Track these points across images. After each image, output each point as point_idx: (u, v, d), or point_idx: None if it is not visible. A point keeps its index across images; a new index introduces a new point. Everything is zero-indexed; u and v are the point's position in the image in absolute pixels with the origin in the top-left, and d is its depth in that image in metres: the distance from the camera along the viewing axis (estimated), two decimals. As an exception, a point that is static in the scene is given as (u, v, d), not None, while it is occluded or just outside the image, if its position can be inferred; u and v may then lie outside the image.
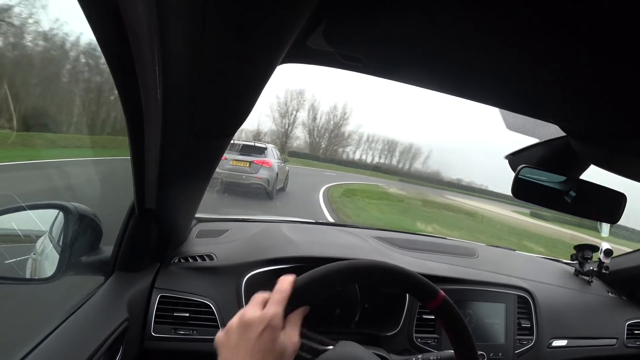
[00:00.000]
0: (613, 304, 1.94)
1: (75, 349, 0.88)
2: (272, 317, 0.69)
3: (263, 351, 0.67)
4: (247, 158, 9.64)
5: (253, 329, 0.68)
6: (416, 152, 57.41)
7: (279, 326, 0.69)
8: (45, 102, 8.81)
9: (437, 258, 1.74)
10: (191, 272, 1.37)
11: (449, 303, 0.79)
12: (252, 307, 0.72)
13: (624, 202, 0.96)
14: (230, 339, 0.70)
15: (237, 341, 0.69)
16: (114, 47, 0.62)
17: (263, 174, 9.59)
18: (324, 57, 0.77)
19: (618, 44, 0.48)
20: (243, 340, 0.68)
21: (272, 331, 0.68)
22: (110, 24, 0.58)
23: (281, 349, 0.68)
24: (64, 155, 8.00)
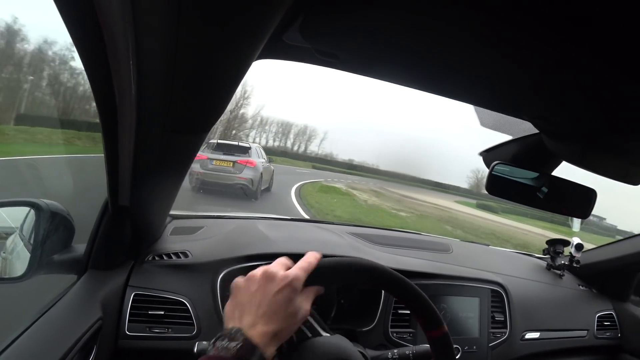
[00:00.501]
0: (584, 296, 1.99)
1: (47, 349, 0.86)
2: (295, 278, 0.73)
3: (278, 305, 0.70)
4: (231, 158, 9.62)
5: (275, 282, 0.72)
6: (311, 134, 58.26)
7: (298, 289, 0.73)
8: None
9: (412, 253, 1.76)
10: (166, 269, 1.35)
11: (448, 337, 0.81)
12: (276, 265, 0.76)
13: (594, 198, 0.99)
14: (249, 285, 0.73)
15: (256, 289, 0.72)
16: (87, 41, 0.61)
17: (247, 174, 9.57)
18: (300, 53, 0.77)
19: (592, 42, 0.48)
20: (262, 290, 0.71)
21: (291, 291, 0.72)
22: (83, 18, 0.56)
23: (294, 311, 0.71)
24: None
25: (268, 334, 0.67)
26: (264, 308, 0.69)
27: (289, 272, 0.73)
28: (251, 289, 0.72)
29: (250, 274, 0.75)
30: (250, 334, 0.66)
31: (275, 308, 0.69)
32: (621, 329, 1.97)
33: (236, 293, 0.74)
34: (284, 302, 0.70)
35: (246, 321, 0.69)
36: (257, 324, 0.68)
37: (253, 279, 0.74)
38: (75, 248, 1.22)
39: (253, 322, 0.68)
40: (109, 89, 0.70)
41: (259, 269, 0.75)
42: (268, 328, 0.68)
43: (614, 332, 1.96)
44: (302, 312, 0.73)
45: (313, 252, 0.79)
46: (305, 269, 0.75)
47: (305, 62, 0.81)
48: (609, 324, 1.96)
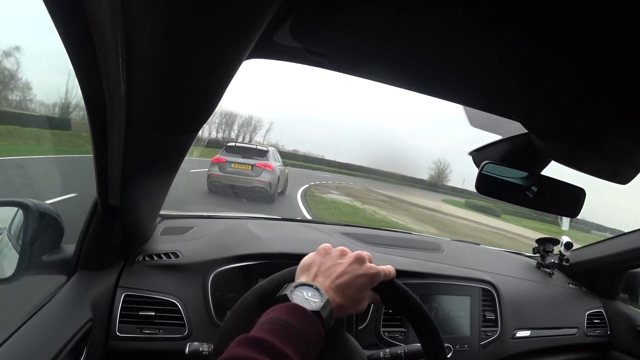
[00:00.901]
0: (573, 294, 2.01)
1: (37, 351, 0.86)
2: (377, 274, 0.78)
3: (354, 285, 0.75)
4: (249, 161, 9.74)
5: (362, 267, 0.77)
6: (256, 125, 57.70)
7: (373, 285, 0.78)
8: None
9: (403, 253, 1.77)
10: (156, 270, 1.35)
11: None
12: (366, 254, 0.81)
13: (583, 197, 0.99)
14: (339, 256, 0.79)
15: (344, 261, 0.78)
16: (76, 40, 0.60)
17: (265, 177, 9.68)
18: (290, 53, 0.77)
19: (579, 43, 0.49)
20: (349, 265, 0.77)
21: (369, 282, 0.77)
22: (72, 17, 0.56)
23: (362, 297, 0.77)
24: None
25: (335, 303, 0.71)
26: (342, 280, 0.73)
27: (378, 266, 0.79)
28: (339, 260, 0.77)
29: (342, 248, 0.80)
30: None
31: (351, 286, 0.74)
32: (610, 327, 1.99)
33: (323, 254, 0.79)
34: (360, 286, 0.75)
35: (320, 282, 0.73)
36: (330, 290, 0.72)
37: (345, 252, 0.79)
38: (65, 248, 1.21)
39: (327, 286, 0.72)
40: (97, 88, 0.70)
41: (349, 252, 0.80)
42: (337, 299, 0.71)
43: (604, 329, 1.98)
44: (363, 305, 0.78)
45: (392, 267, 0.83)
46: (386, 274, 0.80)
47: (295, 62, 0.81)
48: (599, 322, 1.98)
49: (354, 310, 0.76)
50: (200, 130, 0.89)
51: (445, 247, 1.95)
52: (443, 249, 1.93)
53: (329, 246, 0.81)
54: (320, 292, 0.69)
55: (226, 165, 9.56)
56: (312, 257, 0.79)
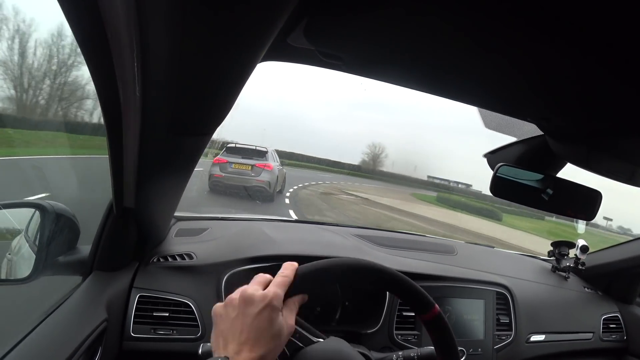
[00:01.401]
0: (589, 299, 1.98)
1: (53, 350, 0.87)
2: (273, 297, 0.70)
3: (260, 328, 0.68)
4: (249, 161, 9.92)
5: (254, 305, 0.69)
6: None
7: (279, 307, 0.70)
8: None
9: (417, 255, 1.76)
10: (170, 271, 1.35)
11: (442, 317, 0.81)
12: (253, 285, 0.73)
13: (599, 200, 0.98)
14: (229, 312, 0.71)
15: (236, 315, 0.70)
16: (92, 42, 0.61)
17: (265, 176, 9.86)
18: (305, 55, 0.77)
19: (596, 44, 0.48)
20: (242, 315, 0.69)
21: (272, 311, 0.69)
22: (88, 19, 0.57)
23: (277, 330, 0.69)
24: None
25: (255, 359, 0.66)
26: (246, 334, 0.67)
27: (267, 291, 0.71)
28: (231, 316, 0.70)
29: (228, 299, 0.73)
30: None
31: (258, 332, 0.67)
32: (627, 332, 1.96)
33: (218, 321, 0.72)
34: (266, 323, 0.68)
35: (231, 349, 0.67)
36: (242, 351, 0.66)
37: (232, 304, 0.71)
38: (80, 249, 1.23)
39: (238, 349, 0.66)
40: (113, 91, 0.70)
41: (236, 292, 0.72)
42: (254, 354, 0.66)
43: (620, 334, 1.95)
44: (287, 329, 0.71)
45: (288, 263, 0.77)
46: (282, 283, 0.73)
47: (309, 64, 0.81)
48: (615, 327, 1.95)
49: (281, 343, 0.71)
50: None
51: (459, 250, 1.93)
52: (457, 251, 1.91)
53: (217, 307, 0.74)
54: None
55: (227, 166, 9.76)
56: (213, 331, 0.73)
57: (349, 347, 0.82)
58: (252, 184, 9.74)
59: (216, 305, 0.74)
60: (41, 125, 10.70)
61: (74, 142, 9.82)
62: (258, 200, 9.64)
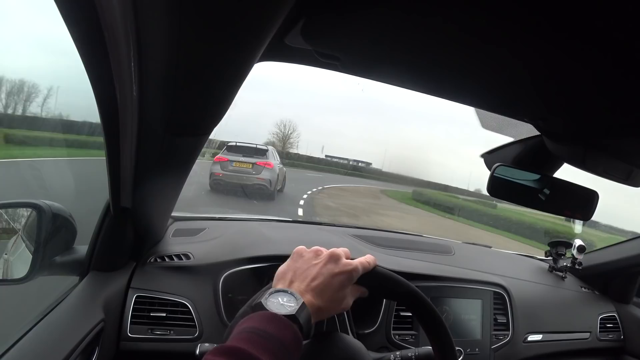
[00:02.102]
0: (586, 298, 1.98)
1: (49, 351, 0.86)
2: (354, 269, 0.76)
3: (331, 286, 0.73)
4: (250, 160, 10.06)
5: (337, 265, 0.75)
6: None
7: (353, 281, 0.76)
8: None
9: (414, 256, 1.76)
10: (168, 271, 1.35)
11: None
12: (341, 251, 0.78)
13: (596, 200, 0.98)
14: (311, 258, 0.77)
15: (317, 262, 0.75)
16: (88, 42, 0.61)
17: (265, 175, 10.04)
18: (302, 56, 0.77)
19: (592, 45, 0.49)
20: (323, 266, 0.74)
21: (347, 279, 0.75)
22: (85, 19, 0.56)
23: (341, 297, 0.75)
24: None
25: (314, 306, 0.69)
26: (318, 282, 0.72)
27: (353, 261, 0.76)
28: (312, 261, 0.75)
29: (316, 248, 0.78)
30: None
31: (328, 287, 0.72)
32: (624, 331, 1.97)
33: (296, 259, 0.77)
34: (338, 285, 0.73)
35: (296, 287, 0.71)
36: (306, 293, 0.70)
37: (318, 252, 0.77)
38: (77, 250, 1.22)
39: (303, 290, 0.70)
40: (110, 91, 0.70)
41: (323, 249, 0.78)
42: (315, 301, 0.70)
43: (617, 334, 1.96)
44: (346, 303, 0.76)
45: (371, 256, 0.81)
46: (364, 266, 0.77)
47: (306, 64, 0.81)
48: (612, 326, 1.96)
49: (336, 310, 0.75)
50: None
51: (456, 250, 1.93)
52: (454, 251, 1.92)
53: (302, 249, 0.80)
54: (296, 297, 0.68)
55: (228, 164, 9.88)
56: (286, 264, 0.78)
57: (367, 354, 0.85)
58: (252, 182, 9.87)
59: (300, 247, 0.80)
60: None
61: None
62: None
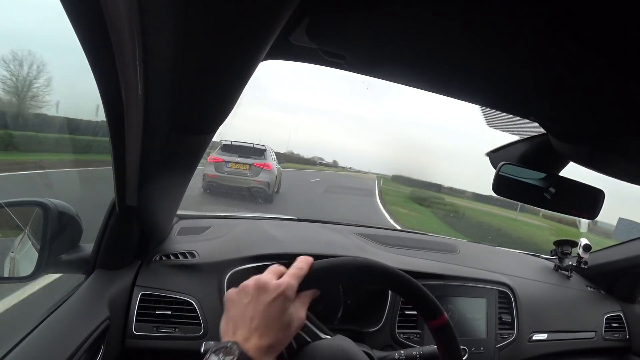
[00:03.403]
0: (592, 298, 1.98)
1: (55, 348, 0.87)
2: (287, 287, 0.71)
3: (271, 317, 0.68)
4: (247, 160, 9.42)
5: (268, 293, 0.70)
6: None
7: (292, 298, 0.71)
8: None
9: (419, 254, 1.76)
10: (173, 269, 1.36)
11: (449, 326, 0.81)
12: (268, 274, 0.74)
13: (602, 199, 0.98)
14: (241, 298, 0.71)
15: (248, 301, 0.70)
16: (94, 41, 0.61)
17: (264, 177, 9.38)
18: (307, 54, 0.77)
19: (600, 44, 0.48)
20: (255, 302, 0.70)
21: (284, 301, 0.70)
22: (90, 18, 0.57)
23: (288, 321, 0.70)
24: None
25: (263, 347, 0.66)
26: (257, 321, 0.68)
27: (281, 280, 0.72)
28: (243, 302, 0.70)
29: (242, 285, 0.73)
30: (246, 348, 0.64)
31: (269, 320, 0.68)
32: (629, 331, 1.96)
33: (229, 306, 0.72)
34: (277, 313, 0.69)
35: (240, 335, 0.67)
36: (252, 337, 0.66)
37: (245, 290, 0.72)
38: (83, 248, 1.23)
39: (247, 335, 0.67)
40: (116, 90, 0.70)
41: (251, 279, 0.73)
42: (263, 341, 0.66)
43: (622, 333, 1.95)
44: (297, 321, 0.71)
45: (304, 257, 0.78)
46: (297, 275, 0.73)
47: (311, 62, 0.81)
48: (617, 326, 1.95)
49: (290, 334, 0.71)
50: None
51: (461, 249, 1.93)
52: (459, 250, 1.91)
53: (231, 293, 0.74)
54: (232, 349, 0.64)
55: (223, 165, 9.28)
56: (224, 316, 0.73)
57: (354, 346, 0.83)
58: (250, 185, 9.27)
59: (229, 291, 0.75)
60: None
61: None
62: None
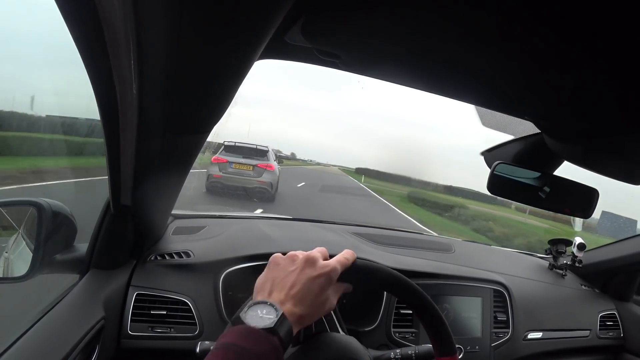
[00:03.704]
0: (586, 296, 1.99)
1: (49, 349, 0.87)
2: (333, 269, 0.74)
3: (311, 290, 0.71)
4: (250, 161, 9.75)
5: (314, 269, 0.73)
6: None
7: (333, 281, 0.74)
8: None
9: (414, 253, 1.76)
10: (168, 269, 1.35)
11: None
12: (317, 253, 0.77)
13: (596, 198, 0.98)
14: (287, 264, 0.75)
15: (294, 269, 0.73)
16: (88, 41, 0.61)
17: (267, 177, 9.73)
18: (302, 53, 0.77)
19: (592, 45, 0.48)
20: (300, 272, 0.73)
21: (327, 281, 0.73)
22: (84, 17, 0.56)
23: (323, 300, 0.73)
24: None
25: (295, 315, 0.68)
26: (297, 289, 0.70)
27: (330, 262, 0.75)
28: (289, 268, 0.73)
29: (291, 254, 0.77)
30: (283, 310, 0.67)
31: (308, 292, 0.71)
32: (624, 329, 1.97)
33: (273, 268, 0.76)
34: (317, 289, 0.71)
35: (276, 297, 0.70)
36: (287, 302, 0.69)
37: (293, 258, 0.75)
38: (78, 247, 1.22)
39: (283, 299, 0.69)
40: (110, 89, 0.70)
41: (300, 252, 0.76)
42: (296, 309, 0.68)
43: (617, 332, 1.96)
44: (329, 304, 0.74)
45: (350, 251, 0.80)
46: (343, 263, 0.76)
47: (306, 62, 0.81)
48: (612, 324, 1.96)
49: (320, 313, 0.74)
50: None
51: (456, 248, 1.94)
52: (454, 249, 1.92)
53: (278, 256, 0.78)
54: (275, 307, 0.66)
55: (227, 166, 9.56)
56: (264, 274, 0.76)
57: (363, 349, 0.84)
58: (253, 185, 9.55)
59: (276, 254, 0.78)
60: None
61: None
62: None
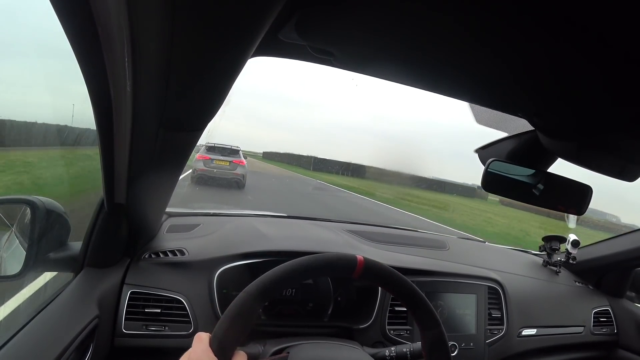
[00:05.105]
0: (580, 293, 2.00)
1: (43, 347, 0.86)
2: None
3: None
4: (227, 158, 12.40)
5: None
6: None
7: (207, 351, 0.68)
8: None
9: (409, 251, 1.77)
10: (162, 267, 1.35)
11: (370, 263, 0.77)
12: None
13: (590, 194, 0.99)
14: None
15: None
16: (82, 38, 0.61)
17: (240, 170, 12.47)
18: (296, 51, 0.77)
19: (586, 41, 0.49)
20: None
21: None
22: (78, 15, 0.56)
23: None
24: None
25: None
26: None
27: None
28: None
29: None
30: None
31: None
32: (617, 325, 1.99)
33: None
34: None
35: None
36: None
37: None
38: (71, 246, 1.22)
39: None
40: (104, 87, 0.70)
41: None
42: None
43: (610, 328, 1.97)
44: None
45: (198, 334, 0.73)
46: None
47: (300, 59, 0.81)
48: (605, 320, 1.97)
49: None
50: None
51: (451, 245, 1.94)
52: (449, 246, 1.92)
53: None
54: None
55: (210, 162, 12.05)
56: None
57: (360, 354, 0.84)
58: (230, 177, 12.27)
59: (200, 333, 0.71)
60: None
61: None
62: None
